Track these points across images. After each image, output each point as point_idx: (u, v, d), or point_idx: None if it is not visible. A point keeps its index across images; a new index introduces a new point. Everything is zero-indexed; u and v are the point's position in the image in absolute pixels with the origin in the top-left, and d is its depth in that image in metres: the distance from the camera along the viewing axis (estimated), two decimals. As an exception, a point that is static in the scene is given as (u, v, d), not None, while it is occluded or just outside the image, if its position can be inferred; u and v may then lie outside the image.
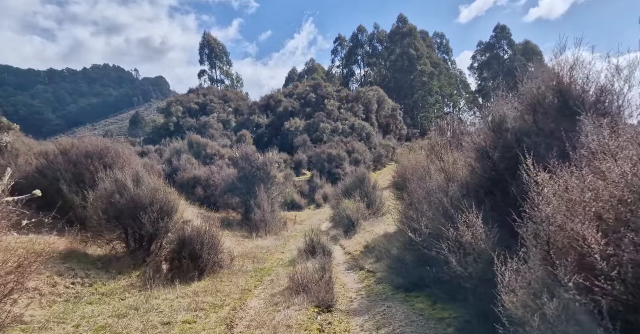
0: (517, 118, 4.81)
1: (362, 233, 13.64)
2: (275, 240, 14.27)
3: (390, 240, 10.22)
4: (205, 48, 79.48)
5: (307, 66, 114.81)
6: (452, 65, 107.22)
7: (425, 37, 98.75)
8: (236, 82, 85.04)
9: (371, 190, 17.67)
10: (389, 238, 10.39)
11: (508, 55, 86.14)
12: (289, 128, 52.52)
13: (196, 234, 7.38)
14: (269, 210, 14.94)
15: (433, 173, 6.46)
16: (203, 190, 16.49)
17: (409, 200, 6.95)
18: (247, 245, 12.01)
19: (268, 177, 15.97)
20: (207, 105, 59.13)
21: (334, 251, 11.68)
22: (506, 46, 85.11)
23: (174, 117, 54.26)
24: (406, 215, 7.15)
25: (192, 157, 20.03)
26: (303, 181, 37.12)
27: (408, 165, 10.30)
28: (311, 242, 9.86)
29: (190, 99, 60.86)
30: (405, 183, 10.42)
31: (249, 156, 15.94)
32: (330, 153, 42.42)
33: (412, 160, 10.29)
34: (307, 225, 22.09)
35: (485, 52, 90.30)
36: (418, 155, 10.45)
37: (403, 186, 10.36)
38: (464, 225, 4.09)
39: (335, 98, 60.31)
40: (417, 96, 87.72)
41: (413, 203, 6.88)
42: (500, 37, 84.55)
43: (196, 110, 57.89)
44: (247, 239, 13.30)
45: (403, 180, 10.47)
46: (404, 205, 7.28)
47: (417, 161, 9.48)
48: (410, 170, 9.24)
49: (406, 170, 10.35)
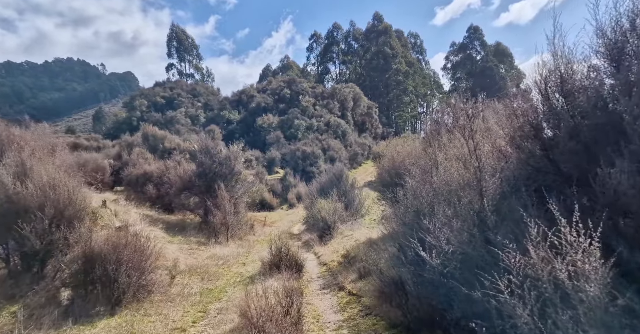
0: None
1: (340, 238, 11.76)
2: (239, 246, 12.14)
3: (377, 249, 8.43)
4: (174, 40, 75.24)
5: (282, 63, 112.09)
6: (426, 65, 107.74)
7: (401, 37, 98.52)
8: (207, 77, 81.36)
9: (349, 189, 15.84)
10: (374, 246, 8.58)
11: (481, 56, 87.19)
12: (261, 125, 50.10)
13: (111, 249, 5.21)
14: (231, 211, 12.77)
15: (444, 163, 4.61)
16: (155, 189, 14.09)
17: (408, 200, 5.07)
18: (200, 255, 9.83)
19: (232, 173, 13.78)
20: (174, 100, 55.66)
21: (307, 260, 9.73)
22: (479, 47, 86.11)
23: (138, 112, 50.58)
24: (403, 220, 5.28)
25: (147, 151, 17.49)
26: (276, 180, 34.98)
27: (400, 156, 8.48)
28: (278, 253, 7.86)
29: (156, 93, 57.15)
30: (394, 180, 8.61)
31: (209, 149, 13.70)
32: (304, 151, 40.44)
33: (408, 148, 8.48)
34: (278, 228, 20.02)
35: (458, 52, 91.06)
36: (411, 144, 8.65)
37: (392, 183, 8.55)
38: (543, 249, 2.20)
39: (310, 95, 58.35)
40: (392, 95, 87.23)
41: (413, 204, 5.05)
42: (473, 37, 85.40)
43: (162, 105, 54.33)
44: (204, 246, 11.10)
45: (391, 175, 8.63)
46: (399, 209, 5.40)
47: (414, 150, 7.67)
48: (408, 160, 7.39)
49: (395, 163, 8.52)
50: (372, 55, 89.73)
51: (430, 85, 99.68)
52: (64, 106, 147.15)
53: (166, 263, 7.93)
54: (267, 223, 21.45)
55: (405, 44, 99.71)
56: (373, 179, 41.17)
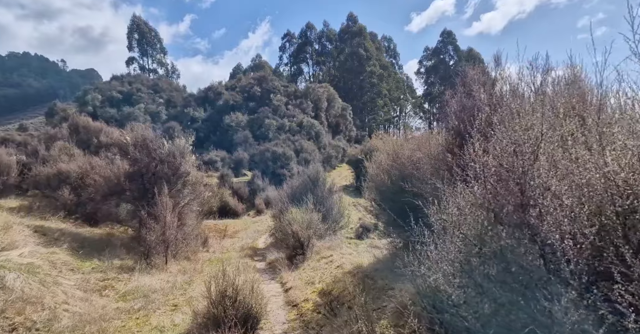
0: None
1: (316, 261, 8.95)
2: (180, 271, 9.06)
3: (374, 287, 5.68)
4: (135, 32, 69.69)
5: (254, 62, 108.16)
6: (400, 69, 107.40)
7: (375, 39, 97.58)
8: (172, 73, 76.25)
9: (327, 194, 13.08)
10: (369, 283, 5.86)
11: (454, 60, 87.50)
12: (229, 124, 46.56)
13: None
14: (173, 223, 9.66)
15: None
16: (73, 193, 10.73)
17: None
18: (112, 294, 6.70)
19: (177, 175, 10.67)
20: (133, 95, 50.91)
21: (270, 296, 6.85)
22: (452, 51, 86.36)
23: (90, 107, 45.53)
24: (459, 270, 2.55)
25: (74, 147, 13.95)
26: (242, 183, 31.66)
27: (408, 151, 5.77)
28: (221, 299, 4.93)
29: (112, 87, 52.12)
30: (397, 184, 5.92)
31: (147, 142, 10.54)
32: (275, 152, 37.40)
33: (421, 141, 5.79)
34: (240, 239, 16.90)
35: (432, 57, 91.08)
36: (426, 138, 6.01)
37: (395, 190, 5.85)
38: None
39: (282, 94, 55.34)
40: (366, 98, 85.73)
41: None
42: (447, 42, 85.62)
43: (119, 100, 49.47)
44: (127, 275, 7.93)
45: (394, 178, 5.95)
46: (445, 246, 2.66)
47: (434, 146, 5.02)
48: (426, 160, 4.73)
49: (400, 161, 5.82)
50: (346, 57, 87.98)
51: (404, 90, 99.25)
52: (19, 103, 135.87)
53: (33, 317, 4.80)
54: (228, 233, 18.27)
55: (379, 46, 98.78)
56: (348, 183, 38.70)
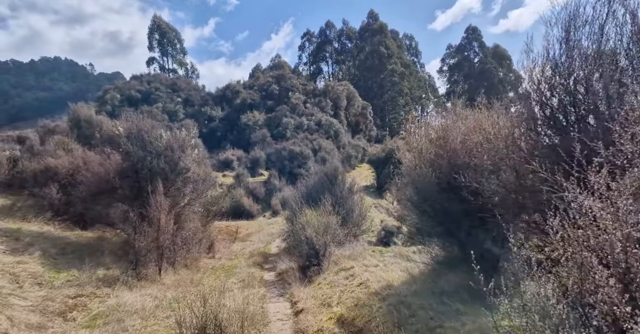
0: None
1: (334, 275, 7.39)
2: (174, 284, 7.69)
3: (414, 322, 4.09)
4: (155, 32, 70.12)
5: (273, 62, 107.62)
6: (421, 68, 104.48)
7: (396, 37, 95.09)
8: (191, 73, 76.31)
9: (346, 194, 11.51)
10: (400, 310, 4.27)
11: (479, 57, 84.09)
12: (246, 122, 45.58)
13: None
14: (169, 227, 8.33)
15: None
16: (62, 192, 9.59)
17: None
18: (75, 318, 5.35)
19: (175, 171, 9.37)
20: (151, 94, 50.75)
21: (275, 318, 5.40)
22: (477, 48, 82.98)
23: (109, 106, 45.52)
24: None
25: (73, 141, 12.92)
26: (258, 183, 30.47)
27: (463, 136, 4.15)
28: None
29: (131, 86, 52.16)
30: (449, 178, 4.31)
31: (142, 133, 9.29)
32: (292, 151, 36.05)
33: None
34: (252, 243, 15.52)
35: (455, 54, 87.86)
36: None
37: (442, 187, 4.24)
38: None
39: (301, 92, 54.05)
40: (387, 97, 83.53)
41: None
42: (471, 38, 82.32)
43: (138, 99, 49.38)
44: (108, 289, 6.62)
45: (445, 168, 4.34)
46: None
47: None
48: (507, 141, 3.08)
49: (454, 147, 4.21)
50: (367, 55, 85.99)
51: (426, 88, 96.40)
52: (50, 106, 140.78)
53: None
54: (240, 236, 16.95)
55: (400, 44, 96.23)
56: (369, 184, 36.93)
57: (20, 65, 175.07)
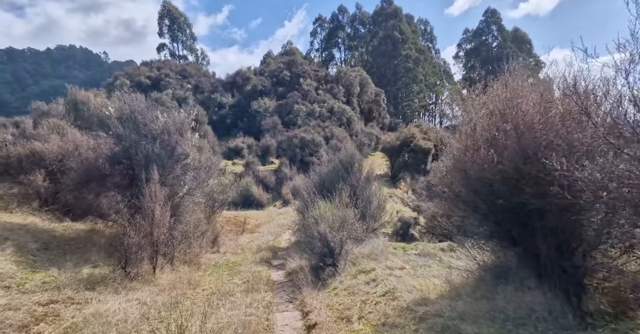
0: None
1: (352, 278, 6.32)
2: (169, 286, 6.73)
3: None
4: (165, 18, 68.83)
5: (284, 49, 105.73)
6: (436, 54, 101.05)
7: (411, 22, 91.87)
8: (202, 60, 75.09)
9: (363, 184, 10.35)
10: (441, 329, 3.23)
11: (498, 42, 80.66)
12: (257, 109, 44.49)
13: None
14: (164, 220, 7.34)
15: None
16: (49, 179, 8.71)
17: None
18: (42, 333, 4.41)
19: (172, 156, 8.37)
20: (161, 80, 49.93)
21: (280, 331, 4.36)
22: (496, 32, 79.47)
23: (118, 92, 44.89)
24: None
25: (69, 125, 12.02)
26: (269, 172, 29.52)
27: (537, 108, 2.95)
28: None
29: (141, 73, 51.41)
30: (529, 166, 3.15)
31: (135, 114, 8.28)
32: (304, 138, 34.88)
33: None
34: (261, 235, 14.56)
35: (473, 39, 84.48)
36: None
37: (506, 175, 3.10)
38: None
39: (312, 78, 52.51)
40: (400, 83, 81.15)
41: None
42: (490, 22, 78.82)
43: (147, 86, 48.56)
44: (90, 292, 5.70)
45: (500, 153, 3.11)
46: None
47: None
48: None
49: (516, 120, 3.00)
50: (380, 40, 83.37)
51: (441, 75, 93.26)
52: (65, 93, 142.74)
53: None
54: (249, 227, 16.02)
55: (415, 29, 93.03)
56: (382, 173, 35.60)
57: (37, 53, 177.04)
